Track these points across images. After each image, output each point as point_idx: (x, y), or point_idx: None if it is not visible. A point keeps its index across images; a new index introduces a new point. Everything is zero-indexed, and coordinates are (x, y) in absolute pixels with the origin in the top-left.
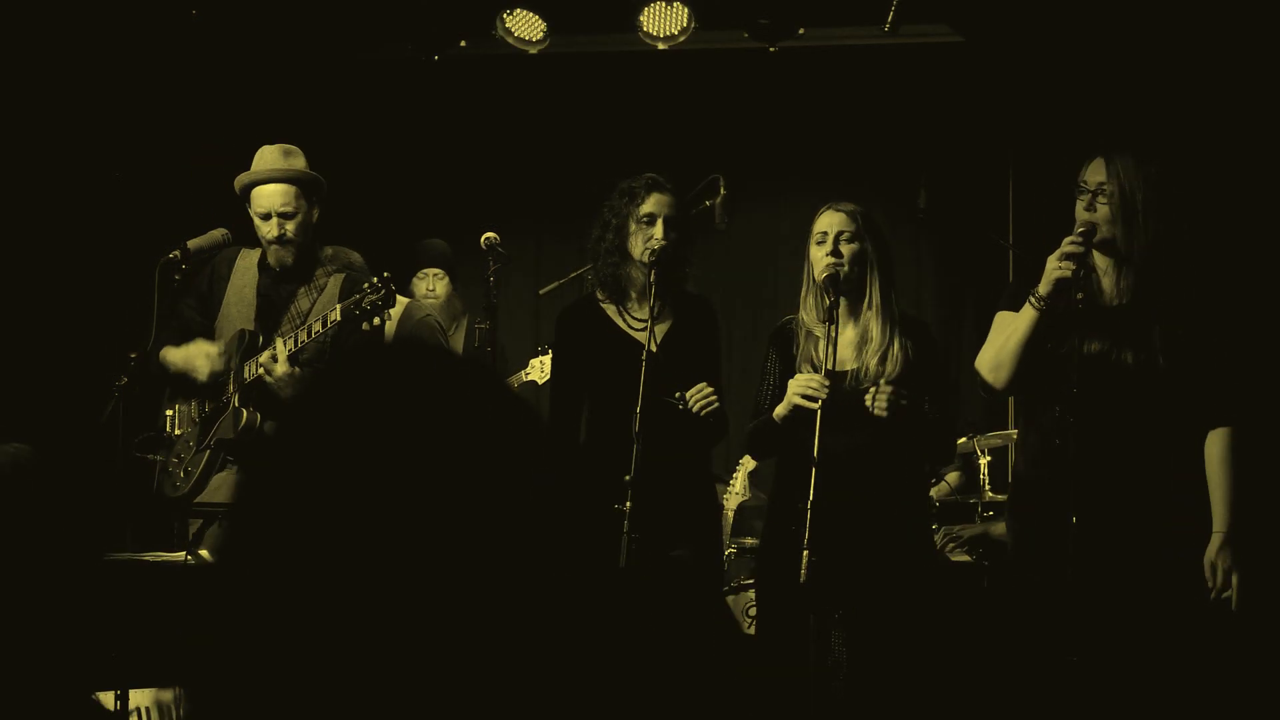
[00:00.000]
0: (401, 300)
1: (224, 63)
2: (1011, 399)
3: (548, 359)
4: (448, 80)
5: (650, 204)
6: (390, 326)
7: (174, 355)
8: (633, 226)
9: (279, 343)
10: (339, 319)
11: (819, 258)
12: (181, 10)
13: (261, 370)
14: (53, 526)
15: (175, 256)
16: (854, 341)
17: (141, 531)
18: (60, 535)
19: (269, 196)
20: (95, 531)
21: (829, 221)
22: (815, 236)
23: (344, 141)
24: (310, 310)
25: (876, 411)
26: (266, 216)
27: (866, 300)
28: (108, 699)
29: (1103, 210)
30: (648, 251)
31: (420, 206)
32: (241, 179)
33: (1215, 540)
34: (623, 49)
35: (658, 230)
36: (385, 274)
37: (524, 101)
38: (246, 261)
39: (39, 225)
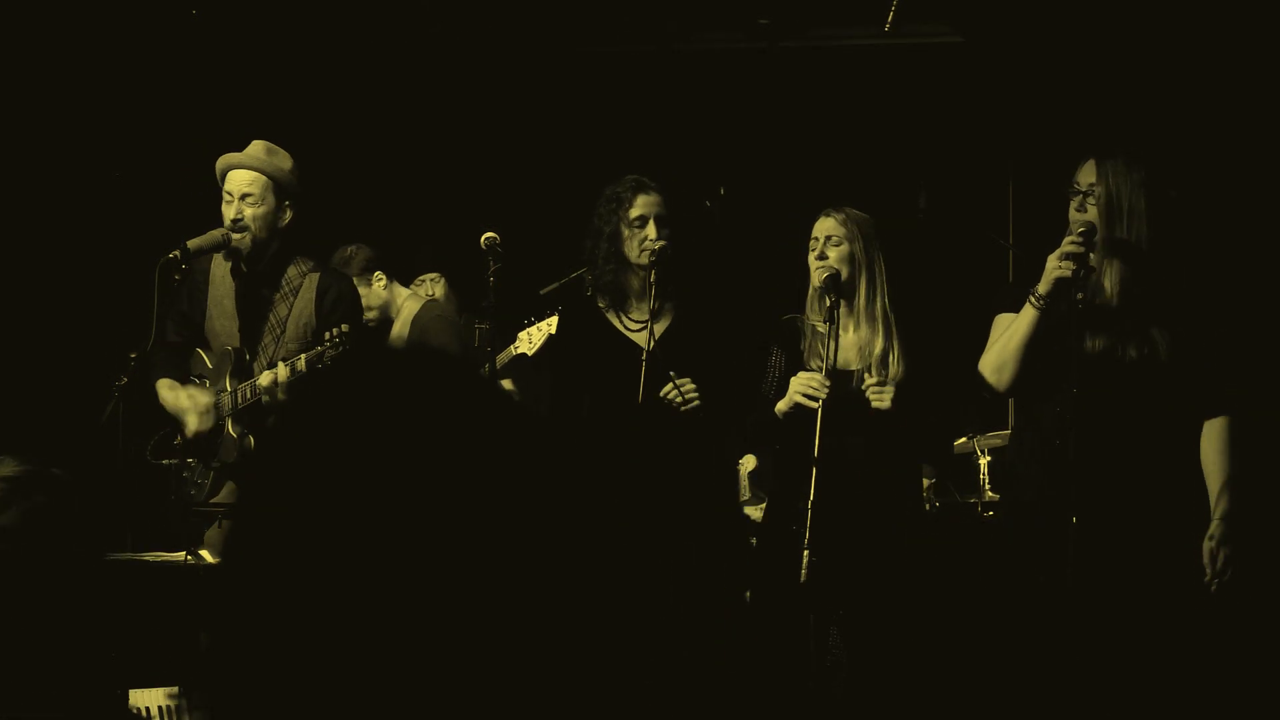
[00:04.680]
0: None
1: (223, 62)
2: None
3: (535, 330)
4: (448, 80)
5: (639, 206)
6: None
7: (167, 395)
8: (625, 232)
9: (281, 368)
10: (304, 369)
11: (811, 262)
12: (181, 10)
13: (265, 396)
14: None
15: (175, 256)
16: (856, 344)
17: (145, 532)
18: (67, 540)
19: (236, 178)
20: (97, 533)
21: (820, 227)
22: (810, 241)
23: (345, 141)
24: (288, 317)
25: (876, 404)
26: (230, 200)
27: (857, 303)
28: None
29: (1091, 211)
30: (646, 253)
31: (420, 206)
32: (220, 164)
33: (1214, 526)
34: (623, 49)
35: (650, 231)
36: (344, 327)
37: (524, 101)
38: (220, 270)
39: (39, 225)
